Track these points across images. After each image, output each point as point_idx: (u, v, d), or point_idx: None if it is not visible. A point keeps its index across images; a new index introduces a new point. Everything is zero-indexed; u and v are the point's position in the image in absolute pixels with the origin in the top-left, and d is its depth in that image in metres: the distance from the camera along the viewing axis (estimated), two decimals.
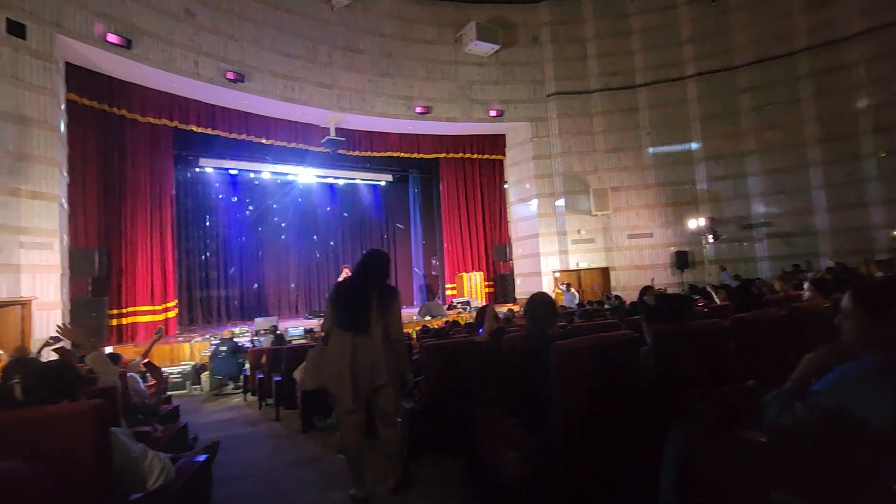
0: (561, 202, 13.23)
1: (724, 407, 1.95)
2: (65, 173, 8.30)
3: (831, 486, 1.24)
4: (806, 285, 4.85)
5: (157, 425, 2.99)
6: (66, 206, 8.32)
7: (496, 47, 12.84)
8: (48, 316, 7.60)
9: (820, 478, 1.26)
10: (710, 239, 12.30)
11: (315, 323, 10.95)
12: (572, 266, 13.13)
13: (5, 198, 7.11)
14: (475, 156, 14.33)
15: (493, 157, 14.58)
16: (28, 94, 7.52)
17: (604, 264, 13.25)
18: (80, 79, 8.85)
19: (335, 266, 15.15)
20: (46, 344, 4.71)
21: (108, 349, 7.20)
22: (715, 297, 6.12)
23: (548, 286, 12.98)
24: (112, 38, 8.52)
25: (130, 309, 9.86)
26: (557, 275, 13.03)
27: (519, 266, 14.11)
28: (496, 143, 14.38)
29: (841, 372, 1.32)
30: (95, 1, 8.44)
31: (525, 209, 13.85)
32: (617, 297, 9.48)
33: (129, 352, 7.33)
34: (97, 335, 5.68)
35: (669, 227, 13.09)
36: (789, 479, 1.32)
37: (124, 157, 9.94)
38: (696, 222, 12.47)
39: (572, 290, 11.49)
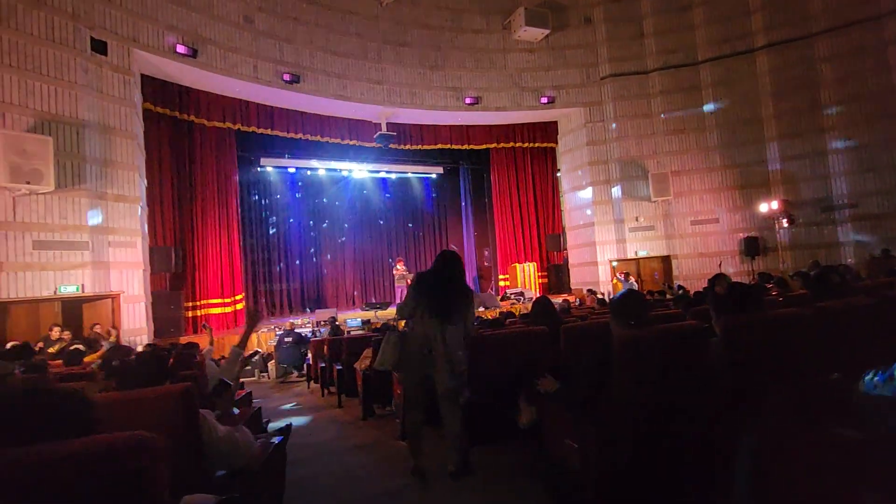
0: (617, 189, 12.75)
1: (805, 401, 1.83)
2: (143, 177, 9.01)
3: None
4: None
5: (234, 409, 3.22)
6: (145, 207, 9.03)
7: (546, 32, 12.50)
8: (134, 308, 8.33)
9: None
10: (785, 223, 11.43)
11: (371, 314, 11.27)
12: (630, 255, 12.65)
13: (95, 201, 7.83)
14: (526, 144, 14.10)
15: (545, 145, 14.28)
16: (111, 105, 8.21)
17: (664, 252, 12.67)
18: (153, 89, 9.54)
19: (389, 259, 15.49)
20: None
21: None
22: (791, 284, 5.69)
23: (604, 276, 12.61)
24: (181, 48, 9.11)
25: (203, 301, 10.59)
26: (615, 264, 12.60)
27: (574, 256, 13.79)
28: (548, 130, 14.06)
29: None
30: (165, 15, 9.04)
31: (579, 197, 13.48)
32: (680, 286, 9.05)
33: (205, 341, 7.88)
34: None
35: (737, 212, 12.29)
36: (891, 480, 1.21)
37: (194, 159, 10.64)
38: (767, 206, 11.62)
39: (631, 279, 11.09)
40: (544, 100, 12.87)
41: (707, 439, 2.14)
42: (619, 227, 12.73)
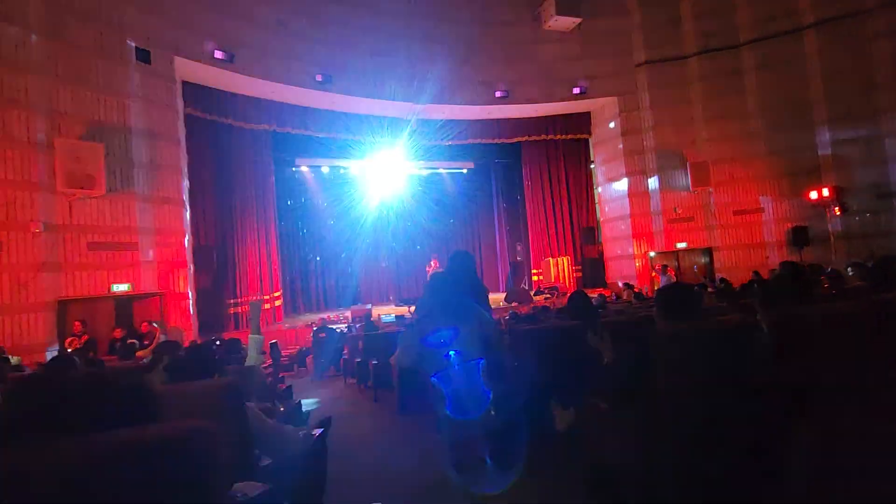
0: (654, 179, 12.37)
1: (863, 399, 1.73)
2: (186, 179, 9.39)
3: None
4: None
5: (276, 401, 3.33)
6: (188, 208, 9.42)
7: (578, 20, 12.23)
8: (180, 305, 8.72)
9: None
10: (836, 211, 10.81)
11: (405, 310, 11.39)
12: (668, 247, 12.27)
13: (143, 204, 8.22)
14: (558, 136, 13.86)
15: (578, 136, 14.00)
16: (155, 111, 8.59)
17: (705, 244, 12.22)
18: (193, 94, 9.91)
19: (421, 255, 15.58)
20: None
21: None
22: (846, 276, 5.38)
23: (641, 269, 12.29)
24: (218, 53, 9.42)
25: (244, 298, 10.96)
26: (653, 255, 12.23)
27: (609, 249, 13.50)
28: (580, 121, 13.78)
29: None
30: (203, 22, 9.36)
31: (614, 189, 13.16)
32: (722, 279, 8.72)
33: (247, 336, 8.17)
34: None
35: (784, 201, 11.72)
36: None
37: (232, 161, 11.01)
38: (817, 193, 11.02)
39: (669, 272, 10.76)
40: (577, 90, 12.61)
41: (755, 438, 2.06)
42: (657, 219, 12.36)
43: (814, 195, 11.13)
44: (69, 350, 6.14)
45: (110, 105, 7.94)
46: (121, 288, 7.84)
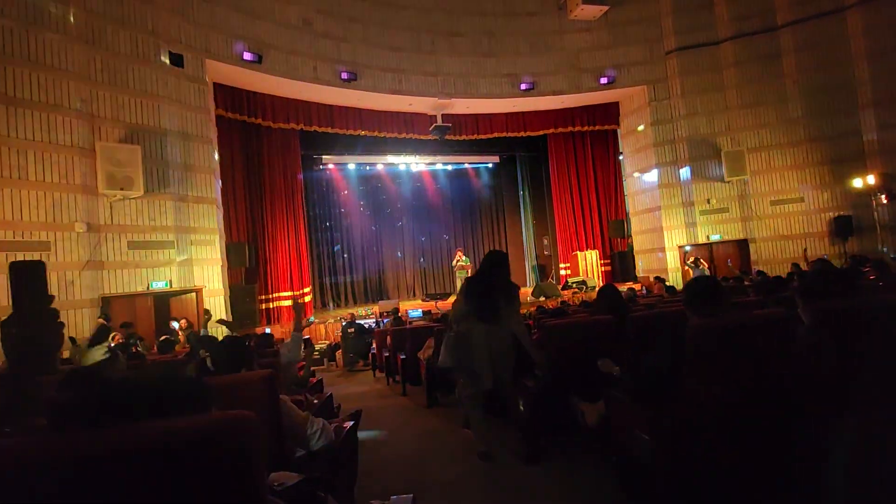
0: (686, 170, 12.01)
1: None
2: (218, 179, 9.66)
3: None
4: None
5: (307, 394, 3.41)
6: (221, 206, 9.69)
7: (604, 8, 11.94)
8: (215, 301, 9.00)
9: None
10: (883, 199, 10.26)
11: (432, 305, 11.45)
12: (701, 240, 11.91)
13: (178, 203, 8.51)
14: (585, 128, 13.61)
15: (606, 127, 13.72)
16: (189, 113, 8.86)
17: (740, 236, 11.81)
18: (224, 95, 10.17)
19: (448, 249, 15.62)
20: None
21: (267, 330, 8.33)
22: (893, 265, 5.11)
23: (673, 262, 11.98)
24: (247, 55, 9.62)
25: (275, 294, 11.24)
26: (689, 248, 11.88)
27: (639, 242, 13.20)
28: (608, 112, 13.49)
29: None
30: (233, 25, 9.58)
31: (644, 180, 12.84)
32: (759, 272, 8.42)
33: (278, 331, 8.38)
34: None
35: (826, 189, 11.20)
36: None
37: (262, 160, 11.26)
38: (862, 181, 10.49)
39: (702, 265, 10.45)
40: (604, 80, 12.35)
41: (791, 433, 1.99)
42: (689, 211, 12.01)
43: (858, 183, 10.59)
44: (112, 344, 6.43)
45: (146, 108, 8.23)
46: (159, 285, 8.16)
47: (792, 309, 2.51)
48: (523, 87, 12.19)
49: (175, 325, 7.96)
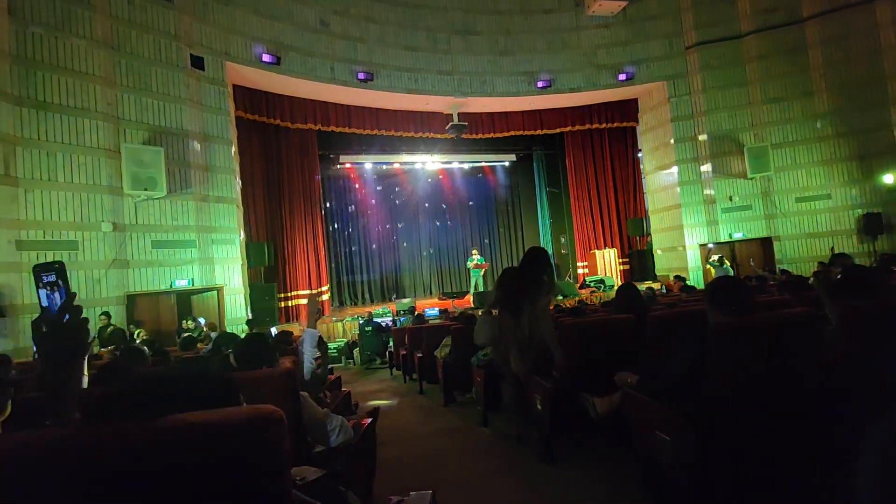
0: (707, 166, 11.78)
1: None
2: (238, 179, 9.82)
3: None
4: None
5: (326, 392, 3.45)
6: (240, 206, 9.85)
7: (623, 4, 11.79)
8: (235, 299, 9.16)
9: None
10: None
11: (448, 303, 11.46)
12: (723, 237, 11.68)
13: (200, 203, 8.68)
14: (603, 125, 13.46)
15: (624, 124, 13.55)
16: (209, 115, 9.02)
17: (764, 234, 11.54)
18: (243, 97, 10.33)
19: (464, 248, 15.61)
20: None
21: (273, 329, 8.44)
22: None
23: (693, 261, 11.76)
24: (266, 57, 9.76)
25: (294, 293, 11.39)
26: (712, 246, 11.62)
27: (658, 240, 13.00)
28: (626, 109, 13.32)
29: None
30: (252, 27, 9.72)
31: (664, 178, 12.63)
32: (783, 270, 8.22)
33: (296, 329, 8.48)
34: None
35: (854, 186, 10.87)
36: None
37: (280, 160, 11.42)
38: (893, 177, 10.15)
39: (726, 264, 10.23)
40: (622, 76, 12.18)
41: (817, 436, 1.94)
42: (710, 208, 11.78)
43: (889, 179, 10.25)
44: (137, 340, 6.60)
45: (169, 111, 8.42)
46: (181, 283, 8.34)
47: (818, 308, 2.45)
48: (540, 84, 12.10)
49: (201, 321, 8.11)
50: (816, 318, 2.21)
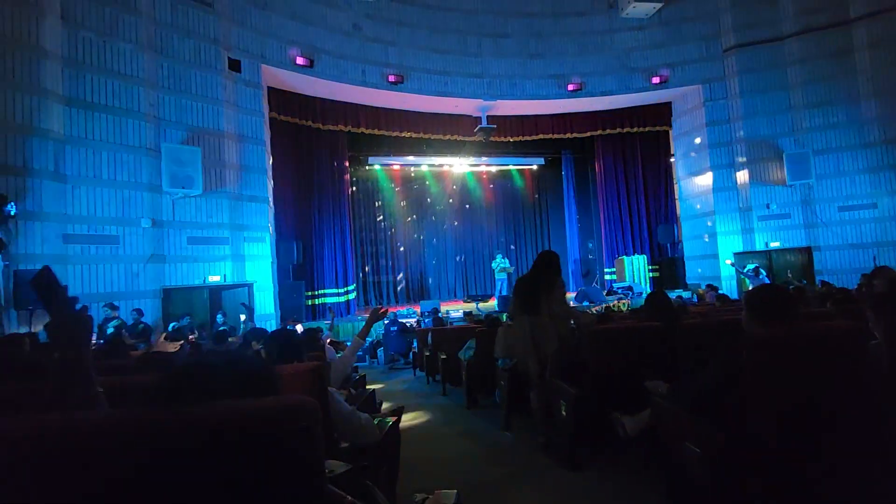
0: (743, 173, 11.41)
1: None
2: (270, 179, 10.07)
3: None
4: None
5: (351, 390, 3.50)
6: (272, 205, 10.09)
7: (658, 5, 11.55)
8: (265, 296, 9.38)
9: None
10: None
11: (472, 306, 11.44)
12: (759, 247, 11.27)
13: (233, 202, 8.94)
14: (635, 130, 13.22)
15: (657, 128, 13.27)
16: (245, 116, 9.29)
17: (803, 244, 11.09)
18: (276, 99, 10.59)
19: (490, 252, 15.56)
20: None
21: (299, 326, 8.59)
22: None
23: (726, 270, 11.39)
24: (300, 60, 9.99)
25: (321, 291, 11.58)
26: (743, 255, 11.21)
27: (690, 248, 12.66)
28: (659, 113, 13.04)
29: None
30: (287, 31, 9.97)
31: (697, 184, 12.30)
32: (824, 283, 7.88)
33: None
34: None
35: None
36: None
37: (311, 161, 11.64)
38: None
39: (762, 273, 9.86)
40: (656, 80, 11.94)
41: (855, 454, 1.86)
42: (746, 216, 11.40)
43: None
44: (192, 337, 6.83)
45: (206, 112, 8.71)
46: (214, 279, 8.59)
47: (863, 322, 2.34)
48: (571, 87, 11.98)
49: (242, 315, 8.33)
50: (860, 333, 2.12)
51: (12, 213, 5.95)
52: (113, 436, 0.59)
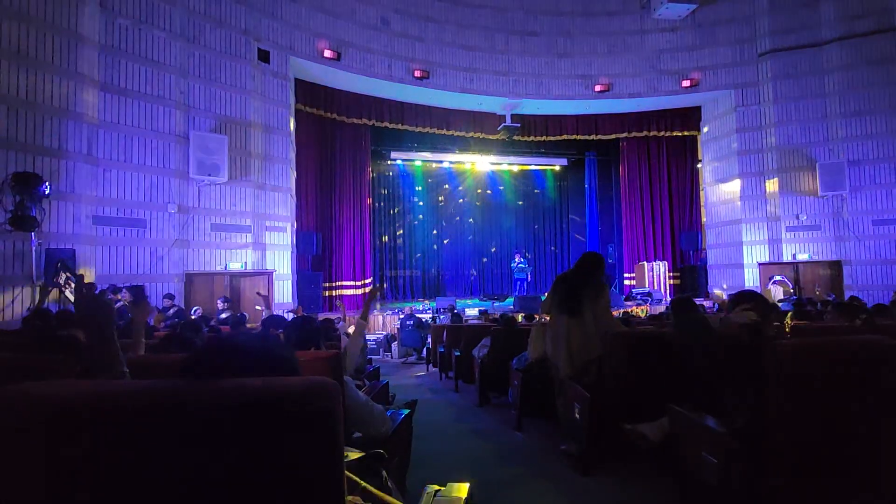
0: (773, 182, 11.10)
1: None
2: (293, 169, 10.19)
3: None
4: None
5: (365, 380, 3.52)
6: (294, 196, 10.21)
7: (692, 7, 11.29)
8: (283, 285, 9.51)
9: None
10: None
11: (488, 305, 11.41)
12: (786, 258, 10.96)
13: (257, 191, 9.07)
14: (661, 133, 12.97)
15: (684, 133, 13.00)
16: (271, 107, 9.41)
17: (833, 257, 10.74)
18: (303, 91, 10.70)
19: (509, 251, 15.49)
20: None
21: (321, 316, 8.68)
22: None
23: (751, 280, 11.11)
24: (327, 52, 10.07)
25: (338, 283, 11.69)
26: (770, 266, 10.91)
27: (713, 256, 12.38)
28: (688, 117, 12.76)
29: None
30: (316, 23, 10.06)
31: (724, 191, 12.01)
32: (854, 298, 7.60)
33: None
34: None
35: None
36: None
37: (334, 153, 11.74)
38: None
39: (787, 285, 9.59)
40: (686, 83, 11.69)
41: (880, 471, 1.79)
42: (774, 226, 11.09)
43: None
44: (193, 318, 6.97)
45: (234, 101, 8.85)
46: (235, 266, 8.75)
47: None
48: (598, 89, 11.82)
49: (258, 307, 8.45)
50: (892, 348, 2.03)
51: (46, 192, 6.14)
52: (145, 403, 0.60)
